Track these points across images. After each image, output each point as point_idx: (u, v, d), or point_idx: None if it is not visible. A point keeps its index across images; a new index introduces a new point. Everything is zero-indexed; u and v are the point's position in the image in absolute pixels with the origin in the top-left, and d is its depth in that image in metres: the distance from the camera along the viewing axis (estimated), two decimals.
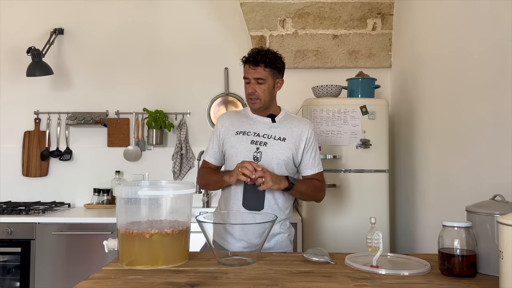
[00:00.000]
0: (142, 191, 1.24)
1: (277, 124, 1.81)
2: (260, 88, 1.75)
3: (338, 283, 1.09)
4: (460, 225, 1.14)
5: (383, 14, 3.03)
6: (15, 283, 2.52)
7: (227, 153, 1.79)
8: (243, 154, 1.74)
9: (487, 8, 1.69)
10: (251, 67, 1.74)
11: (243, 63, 1.79)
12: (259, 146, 1.75)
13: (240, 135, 1.78)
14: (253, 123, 1.81)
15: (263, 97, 1.76)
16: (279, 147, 1.75)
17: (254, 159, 1.72)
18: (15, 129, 3.18)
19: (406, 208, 2.69)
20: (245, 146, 1.75)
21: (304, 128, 1.81)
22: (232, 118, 1.85)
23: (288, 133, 1.79)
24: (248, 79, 1.76)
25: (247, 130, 1.79)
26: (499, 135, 1.57)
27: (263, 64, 1.72)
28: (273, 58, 1.75)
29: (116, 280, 1.10)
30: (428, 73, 2.32)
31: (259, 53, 1.74)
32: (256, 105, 1.78)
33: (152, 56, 3.23)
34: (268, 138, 1.77)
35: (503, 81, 1.55)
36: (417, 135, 2.49)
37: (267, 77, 1.75)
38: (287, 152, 1.75)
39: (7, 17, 3.23)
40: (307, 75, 3.15)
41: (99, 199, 3.05)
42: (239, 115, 1.87)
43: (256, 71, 1.73)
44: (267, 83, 1.75)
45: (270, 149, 1.74)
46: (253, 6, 3.01)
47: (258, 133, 1.78)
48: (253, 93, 1.75)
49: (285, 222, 1.80)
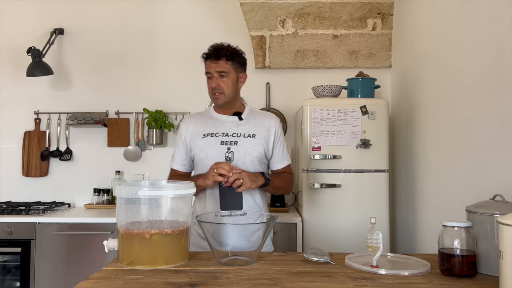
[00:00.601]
0: (142, 191, 1.24)
1: (244, 121, 1.79)
2: (224, 82, 1.73)
3: (338, 283, 1.09)
4: (460, 225, 1.14)
5: (383, 14, 3.03)
6: (15, 283, 2.52)
7: (197, 157, 1.75)
8: (214, 156, 1.70)
9: (487, 8, 1.69)
10: (212, 61, 1.72)
11: (204, 60, 1.76)
12: (230, 146, 1.72)
13: (208, 137, 1.74)
14: (220, 123, 1.78)
15: (227, 91, 1.73)
16: (250, 144, 1.73)
17: (226, 160, 1.70)
18: (15, 129, 3.18)
19: (406, 208, 2.69)
20: (215, 148, 1.72)
21: (271, 123, 1.81)
22: (196, 121, 1.81)
23: (256, 129, 1.77)
24: (210, 74, 1.74)
25: (214, 131, 1.75)
26: (499, 135, 1.57)
27: (225, 58, 1.71)
28: (234, 52, 1.75)
29: (116, 280, 1.10)
30: (428, 73, 2.32)
31: (220, 47, 1.74)
32: (220, 100, 1.74)
33: (152, 56, 3.23)
34: (238, 136, 1.74)
35: (503, 81, 1.55)
36: (417, 135, 2.49)
37: (229, 70, 1.73)
38: (258, 148, 1.74)
39: (7, 17, 3.24)
40: (307, 75, 3.15)
41: (99, 199, 3.05)
42: (203, 117, 1.83)
43: (218, 65, 1.71)
44: (230, 76, 1.74)
45: (242, 148, 1.72)
46: (253, 6, 3.01)
47: (226, 133, 1.75)
48: (216, 87, 1.72)
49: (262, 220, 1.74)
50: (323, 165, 2.50)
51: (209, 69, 1.74)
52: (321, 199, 2.49)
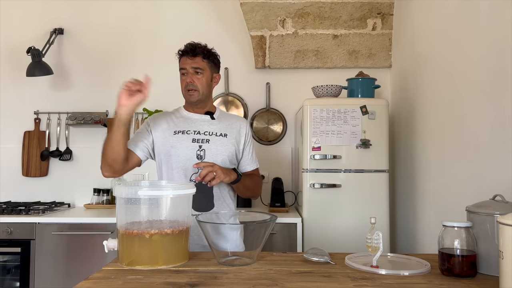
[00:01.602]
0: (142, 191, 1.24)
1: (216, 121, 1.79)
2: (198, 79, 1.73)
3: (338, 283, 1.09)
4: (460, 225, 1.14)
5: (383, 14, 3.03)
6: (15, 283, 2.52)
7: (167, 154, 1.71)
8: (185, 153, 1.69)
9: (487, 8, 1.69)
10: (189, 57, 1.72)
11: (179, 56, 1.76)
12: (201, 144, 1.71)
13: (179, 134, 1.73)
14: (191, 121, 1.77)
15: (201, 88, 1.74)
16: (222, 143, 1.73)
17: (198, 158, 1.69)
18: (15, 129, 3.18)
19: (406, 208, 2.69)
20: (187, 145, 1.70)
21: (242, 125, 1.82)
22: (166, 118, 1.79)
23: (228, 129, 1.77)
24: (185, 70, 1.73)
25: (186, 129, 1.74)
26: (499, 135, 1.57)
27: (202, 55, 1.72)
28: (210, 51, 1.76)
29: (116, 280, 1.10)
30: (428, 73, 2.32)
31: (197, 45, 1.74)
32: (194, 96, 1.74)
33: (152, 55, 3.22)
34: (210, 135, 1.74)
35: (503, 81, 1.55)
36: (417, 135, 2.49)
37: (205, 68, 1.74)
38: (230, 147, 1.74)
39: (7, 17, 3.23)
40: (307, 75, 3.15)
41: (99, 199, 3.05)
42: (173, 116, 1.82)
43: (194, 61, 1.72)
44: (205, 74, 1.74)
45: (214, 146, 1.71)
46: (253, 6, 3.01)
47: (198, 131, 1.74)
48: (191, 83, 1.72)
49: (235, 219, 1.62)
50: (323, 165, 2.50)
51: (184, 65, 1.74)
52: (321, 199, 2.49)
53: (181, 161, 1.68)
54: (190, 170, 1.69)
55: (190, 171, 1.69)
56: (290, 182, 3.12)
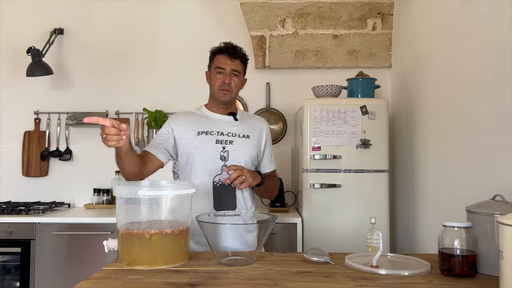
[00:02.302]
0: (142, 191, 1.24)
1: (239, 122, 1.78)
2: (234, 82, 1.73)
3: (338, 283, 1.09)
4: (460, 225, 1.14)
5: (383, 14, 3.03)
6: (15, 283, 2.52)
7: (191, 154, 1.70)
8: (208, 154, 1.68)
9: (487, 8, 1.69)
10: (229, 58, 1.72)
11: (215, 54, 1.76)
12: (225, 145, 1.70)
13: (203, 135, 1.71)
14: (214, 122, 1.77)
15: (235, 90, 1.75)
16: (245, 144, 1.73)
17: (221, 159, 1.69)
18: (15, 129, 3.18)
19: (406, 208, 2.69)
20: (210, 146, 1.69)
21: (262, 126, 1.83)
22: (189, 118, 1.77)
23: (250, 131, 1.77)
24: (223, 69, 1.72)
25: (209, 130, 1.73)
26: (499, 135, 1.57)
27: (240, 59, 1.73)
28: (246, 56, 1.78)
29: (116, 280, 1.10)
30: (428, 73, 2.32)
31: (236, 46, 1.74)
32: (227, 97, 1.73)
33: (152, 56, 3.23)
34: (233, 136, 1.73)
35: (503, 81, 1.55)
36: (417, 135, 2.49)
37: (241, 71, 1.75)
38: (252, 149, 1.74)
39: (7, 17, 3.23)
40: (307, 75, 3.15)
41: (99, 199, 3.05)
42: (196, 115, 1.80)
43: (234, 63, 1.72)
44: (240, 77, 1.75)
45: (237, 147, 1.71)
46: (253, 6, 3.01)
47: (221, 132, 1.73)
48: (228, 84, 1.71)
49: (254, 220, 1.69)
50: (323, 165, 2.50)
51: (223, 65, 1.72)
52: (321, 199, 2.49)
53: (204, 162, 1.67)
54: (214, 171, 1.68)
55: (213, 172, 1.68)
56: (290, 182, 3.12)
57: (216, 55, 1.76)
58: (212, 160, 1.68)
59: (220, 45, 1.77)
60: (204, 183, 1.67)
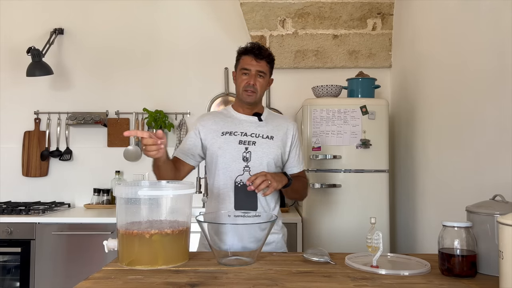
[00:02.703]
0: (142, 191, 1.24)
1: (263, 122, 1.78)
2: (260, 82, 1.72)
3: (338, 283, 1.09)
4: (460, 225, 1.14)
5: (383, 14, 3.03)
6: (15, 283, 2.52)
7: (214, 154, 1.72)
8: (231, 154, 1.69)
9: (487, 8, 1.69)
10: (254, 59, 1.71)
11: (241, 54, 1.75)
12: (247, 146, 1.70)
13: (226, 135, 1.72)
14: (239, 122, 1.76)
15: (260, 91, 1.73)
16: (268, 145, 1.72)
17: (243, 160, 1.69)
18: (15, 129, 3.18)
19: (406, 208, 2.69)
20: (234, 147, 1.70)
21: (289, 126, 1.80)
22: (215, 119, 1.79)
23: (275, 131, 1.76)
24: (248, 70, 1.71)
25: (233, 130, 1.73)
26: (499, 135, 1.57)
27: (266, 59, 1.72)
28: (273, 57, 1.76)
29: (116, 280, 1.10)
30: (428, 73, 2.32)
31: (262, 47, 1.73)
32: (252, 97, 1.73)
33: (152, 56, 3.23)
34: (256, 137, 1.73)
35: (503, 81, 1.55)
36: (417, 135, 2.49)
37: (267, 72, 1.74)
38: (276, 150, 1.73)
39: (7, 17, 3.24)
40: (307, 75, 3.15)
41: (99, 199, 3.05)
42: (221, 115, 1.81)
43: (260, 64, 1.71)
44: (266, 78, 1.74)
45: (260, 148, 1.70)
46: (253, 6, 3.01)
47: (245, 133, 1.73)
48: (253, 85, 1.71)
49: (278, 222, 1.77)
50: (323, 165, 2.50)
51: (249, 66, 1.71)
52: (321, 199, 2.49)
53: (227, 162, 1.67)
54: (236, 171, 1.68)
55: (235, 173, 1.68)
56: None
57: (242, 55, 1.75)
58: (235, 161, 1.68)
59: (246, 46, 1.75)
60: (226, 183, 1.68)
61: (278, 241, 1.73)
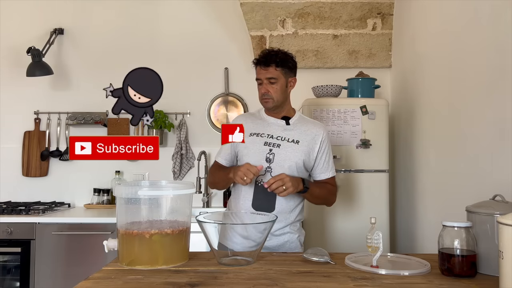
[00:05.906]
0: (142, 191, 1.24)
1: (291, 126, 1.81)
2: (273, 88, 1.76)
3: (338, 283, 1.09)
4: (460, 225, 1.14)
5: (383, 14, 3.03)
6: (15, 283, 2.52)
7: (240, 153, 1.79)
8: (255, 155, 1.73)
9: (487, 8, 1.69)
10: (262, 68, 1.76)
11: (254, 66, 1.80)
12: (272, 148, 1.74)
13: (253, 136, 1.78)
14: (267, 124, 1.82)
15: (276, 96, 1.77)
16: (293, 149, 1.74)
17: (266, 161, 1.72)
18: (15, 129, 3.18)
19: (406, 208, 2.69)
20: (258, 147, 1.75)
21: (318, 132, 1.81)
22: (246, 120, 1.84)
23: (302, 136, 1.78)
24: (260, 80, 1.78)
25: (260, 132, 1.79)
26: (499, 135, 1.57)
27: (274, 64, 1.74)
28: (284, 58, 1.77)
29: (116, 280, 1.10)
30: (428, 73, 2.32)
31: (269, 53, 1.77)
32: (269, 104, 1.78)
33: (152, 56, 3.23)
34: (282, 140, 1.76)
35: (503, 81, 1.55)
36: (417, 135, 2.49)
37: (279, 76, 1.76)
38: (299, 155, 1.74)
39: (7, 17, 3.23)
40: (307, 75, 3.13)
41: (99, 199, 3.05)
42: (253, 117, 1.89)
43: (268, 71, 1.75)
44: (279, 82, 1.77)
45: (283, 151, 1.73)
46: (253, 6, 3.01)
47: (271, 135, 1.77)
48: (266, 93, 1.77)
49: (295, 224, 1.80)
50: None
51: (259, 76, 1.78)
52: None
53: (251, 162, 1.70)
54: None
55: None
56: None
57: (255, 67, 1.81)
58: (258, 161, 1.71)
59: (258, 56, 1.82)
60: None
61: (293, 241, 1.77)
